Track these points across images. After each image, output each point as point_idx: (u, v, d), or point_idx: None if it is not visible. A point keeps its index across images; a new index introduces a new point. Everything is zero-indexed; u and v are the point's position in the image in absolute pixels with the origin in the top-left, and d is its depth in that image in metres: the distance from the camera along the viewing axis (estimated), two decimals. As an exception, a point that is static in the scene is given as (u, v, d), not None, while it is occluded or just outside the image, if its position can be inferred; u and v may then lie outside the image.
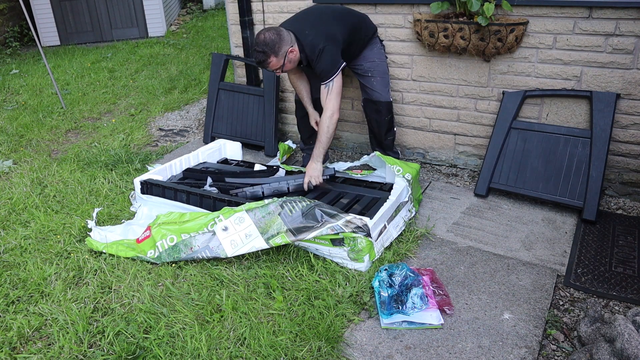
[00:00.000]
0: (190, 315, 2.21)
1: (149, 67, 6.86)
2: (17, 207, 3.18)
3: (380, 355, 2.01)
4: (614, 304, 2.28)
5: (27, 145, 4.31)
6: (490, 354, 2.00)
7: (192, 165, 3.52)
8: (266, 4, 3.85)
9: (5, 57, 7.89)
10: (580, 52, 2.94)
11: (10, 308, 2.31)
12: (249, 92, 4.06)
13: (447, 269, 2.51)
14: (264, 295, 2.34)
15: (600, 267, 2.50)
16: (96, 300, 2.35)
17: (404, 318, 2.15)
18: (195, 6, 11.35)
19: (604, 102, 2.91)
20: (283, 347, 2.03)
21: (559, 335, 2.10)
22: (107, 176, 3.58)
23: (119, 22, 8.77)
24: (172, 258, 2.55)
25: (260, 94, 3.99)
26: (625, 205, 3.05)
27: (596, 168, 2.89)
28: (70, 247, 2.73)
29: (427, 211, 3.04)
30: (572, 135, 3.02)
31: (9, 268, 2.59)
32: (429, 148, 3.66)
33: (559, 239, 2.74)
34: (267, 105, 3.95)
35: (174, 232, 2.60)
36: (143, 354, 2.03)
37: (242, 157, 3.78)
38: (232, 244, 2.50)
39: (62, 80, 6.29)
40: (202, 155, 3.60)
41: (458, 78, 3.34)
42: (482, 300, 2.29)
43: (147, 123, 4.81)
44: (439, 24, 3.10)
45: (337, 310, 2.21)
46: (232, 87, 4.14)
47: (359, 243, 2.43)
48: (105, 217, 3.05)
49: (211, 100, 4.19)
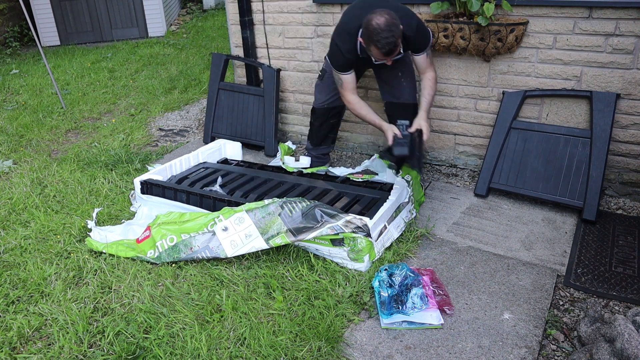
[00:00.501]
0: (190, 315, 2.21)
1: (149, 67, 6.86)
2: (17, 207, 3.18)
3: (380, 355, 2.01)
4: (614, 304, 2.28)
5: (27, 145, 4.31)
6: (490, 354, 2.00)
7: (192, 165, 3.53)
8: (266, 4, 3.85)
9: (5, 57, 7.89)
10: (580, 52, 2.94)
11: (10, 308, 2.31)
12: (249, 92, 4.06)
13: (447, 269, 2.51)
14: (264, 295, 2.34)
15: (600, 267, 2.50)
16: (96, 300, 2.35)
17: (404, 318, 2.15)
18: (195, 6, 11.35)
19: (604, 102, 2.91)
20: (283, 347, 2.03)
21: (559, 335, 2.10)
22: (107, 176, 3.58)
23: (119, 22, 8.77)
24: (171, 258, 2.55)
25: (260, 94, 3.99)
26: (625, 205, 3.05)
27: (596, 168, 2.89)
28: (70, 247, 2.73)
29: (427, 211, 3.04)
30: (572, 135, 3.01)
31: (9, 268, 2.59)
32: (429, 148, 3.66)
33: (559, 239, 2.74)
34: (267, 105, 3.95)
35: (173, 232, 2.60)
36: (143, 354, 2.03)
37: (242, 157, 3.78)
38: (232, 244, 2.50)
39: (62, 80, 6.29)
40: (202, 155, 3.60)
41: (458, 78, 3.34)
42: (482, 300, 2.29)
43: (147, 123, 4.81)
44: (439, 24, 3.09)
45: (337, 310, 2.21)
46: (232, 87, 4.14)
47: (359, 243, 2.43)
48: (105, 217, 3.05)
49: (211, 100, 4.19)
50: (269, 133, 3.95)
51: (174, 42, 8.25)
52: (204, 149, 3.63)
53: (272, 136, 3.92)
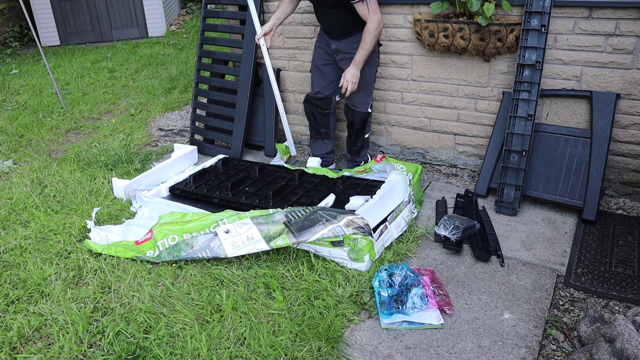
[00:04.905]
0: (190, 315, 2.21)
1: (149, 67, 6.86)
2: (17, 207, 3.18)
3: (380, 355, 2.01)
4: (614, 304, 2.28)
5: (27, 145, 4.31)
6: (490, 354, 2.00)
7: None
8: (266, 4, 3.85)
9: (5, 57, 7.89)
10: (580, 52, 2.94)
11: (10, 308, 2.31)
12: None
13: (447, 269, 2.51)
14: (264, 295, 2.34)
15: (600, 267, 2.50)
16: (96, 300, 2.35)
17: (404, 318, 2.15)
18: (195, 6, 11.34)
19: (604, 102, 2.91)
20: (283, 347, 2.03)
21: (559, 335, 2.10)
22: (107, 176, 3.57)
23: (119, 22, 8.77)
24: (172, 256, 2.55)
25: (260, 94, 3.99)
26: (625, 205, 3.05)
27: (596, 168, 2.89)
28: (70, 247, 2.73)
29: (428, 211, 3.04)
30: (572, 135, 3.02)
31: (9, 268, 2.59)
32: (429, 148, 3.66)
33: (559, 239, 2.74)
34: (267, 105, 3.94)
35: (175, 232, 2.60)
36: (143, 354, 2.03)
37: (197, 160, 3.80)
38: (233, 244, 2.50)
39: (62, 80, 6.29)
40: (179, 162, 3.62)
41: (458, 78, 3.34)
42: (482, 300, 2.29)
43: (147, 123, 4.81)
44: (439, 24, 3.09)
45: (337, 310, 2.21)
46: (232, 87, 4.14)
47: (359, 243, 2.43)
48: (105, 217, 3.05)
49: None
50: (269, 133, 3.94)
51: (174, 42, 8.25)
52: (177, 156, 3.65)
53: (272, 136, 3.92)
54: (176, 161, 3.61)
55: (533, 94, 2.96)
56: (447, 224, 2.66)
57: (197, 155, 3.84)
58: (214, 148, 4.03)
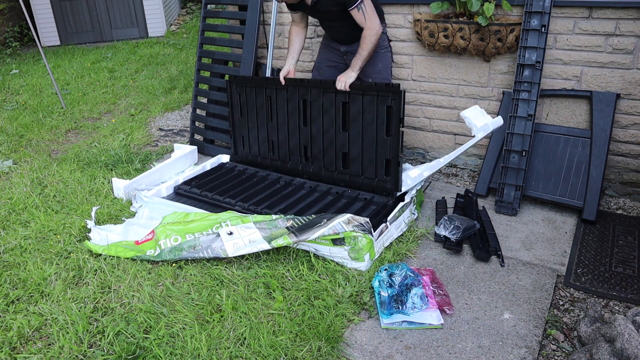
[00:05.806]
0: (190, 315, 2.21)
1: (149, 67, 6.86)
2: (17, 207, 3.18)
3: (380, 355, 2.01)
4: (614, 304, 2.28)
5: (27, 145, 4.31)
6: (490, 354, 2.00)
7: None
8: (266, 4, 3.85)
9: (5, 57, 7.89)
10: (580, 52, 2.94)
11: (10, 308, 2.31)
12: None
13: (447, 269, 2.51)
14: (264, 295, 2.34)
15: (600, 267, 2.50)
16: (96, 300, 2.35)
17: (404, 318, 2.15)
18: (195, 6, 11.34)
19: (604, 102, 2.91)
20: (283, 347, 2.03)
21: (559, 335, 2.10)
22: (107, 176, 3.57)
23: (119, 22, 8.77)
24: (173, 255, 2.55)
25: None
26: (625, 205, 3.05)
27: (596, 168, 2.89)
28: (70, 247, 2.73)
29: (428, 211, 3.04)
30: (572, 135, 3.02)
31: (9, 268, 2.59)
32: (429, 148, 3.66)
33: (559, 239, 2.74)
34: (267, 105, 3.94)
35: (178, 233, 2.60)
36: (143, 354, 2.03)
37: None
38: (235, 245, 2.51)
39: (62, 80, 6.29)
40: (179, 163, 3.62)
41: (458, 78, 3.34)
42: (482, 300, 2.29)
43: (147, 123, 4.81)
44: (439, 24, 3.09)
45: (337, 310, 2.21)
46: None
47: (360, 242, 2.43)
48: (105, 217, 3.05)
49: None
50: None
51: (174, 42, 8.25)
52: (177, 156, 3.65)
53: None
54: (176, 161, 3.61)
55: (533, 94, 2.96)
56: (447, 224, 2.66)
57: (197, 155, 3.84)
58: (214, 148, 4.04)
